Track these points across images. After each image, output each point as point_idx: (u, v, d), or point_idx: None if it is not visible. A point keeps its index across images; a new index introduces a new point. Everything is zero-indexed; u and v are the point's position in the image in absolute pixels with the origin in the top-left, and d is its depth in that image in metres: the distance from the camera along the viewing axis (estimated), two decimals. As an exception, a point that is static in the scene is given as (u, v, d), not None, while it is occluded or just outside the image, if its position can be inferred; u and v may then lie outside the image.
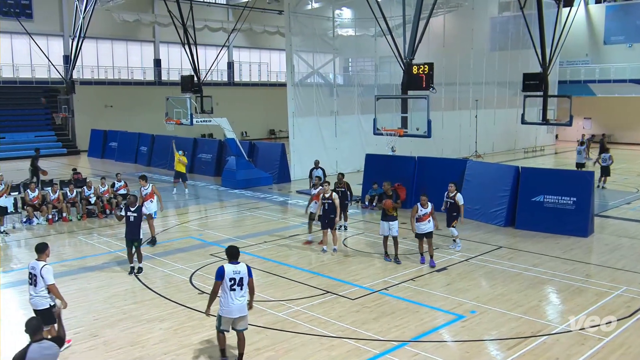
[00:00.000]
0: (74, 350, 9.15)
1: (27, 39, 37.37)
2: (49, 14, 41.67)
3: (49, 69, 40.02)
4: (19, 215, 18.58)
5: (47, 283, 8.64)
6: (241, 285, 8.40)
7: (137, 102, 43.22)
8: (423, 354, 8.91)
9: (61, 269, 13.55)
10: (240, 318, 8.50)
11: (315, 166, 19.89)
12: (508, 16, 38.67)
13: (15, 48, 40.82)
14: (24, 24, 36.04)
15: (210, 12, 47.81)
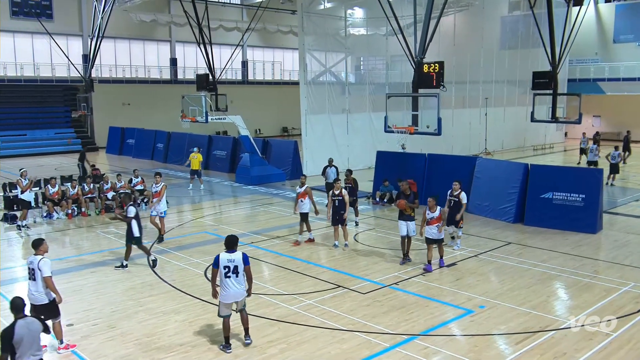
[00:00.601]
0: (92, 342, 9.24)
1: (47, 38, 37.69)
2: (68, 14, 41.93)
3: (68, 68, 40.29)
4: (39, 210, 18.77)
5: (43, 275, 8.54)
6: (236, 272, 8.70)
7: (154, 100, 43.43)
8: (432, 348, 8.89)
9: (80, 262, 13.70)
10: (239, 301, 8.91)
11: (329, 164, 19.71)
12: (518, 15, 38.36)
13: (36, 47, 41.10)
14: (44, 24, 36.44)
15: (225, 12, 47.87)
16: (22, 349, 6.43)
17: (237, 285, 8.75)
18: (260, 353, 8.76)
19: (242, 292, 8.87)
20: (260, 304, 10.75)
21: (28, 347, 6.50)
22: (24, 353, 6.45)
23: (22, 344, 6.45)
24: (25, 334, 6.47)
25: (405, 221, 13.18)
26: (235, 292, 8.77)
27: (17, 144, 38.27)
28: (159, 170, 17.81)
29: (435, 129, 17.89)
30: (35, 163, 32.14)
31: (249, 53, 52.40)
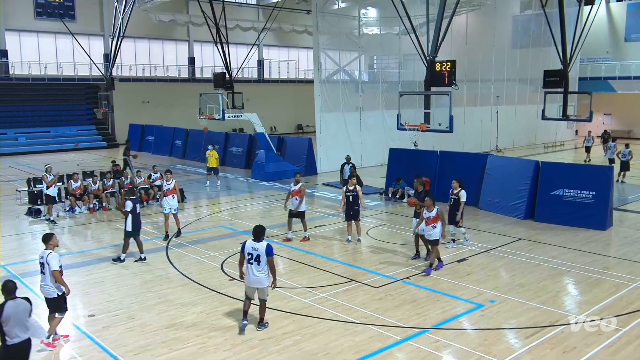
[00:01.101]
0: (113, 332, 9.33)
1: (70, 38, 38.02)
2: (90, 15, 42.26)
3: (90, 66, 40.63)
4: (62, 205, 18.97)
5: (51, 269, 8.58)
6: (258, 261, 9.01)
7: (173, 98, 43.64)
8: (443, 341, 8.87)
9: (101, 254, 13.83)
10: (259, 289, 9.18)
11: (346, 161, 19.56)
12: (530, 14, 38.00)
13: (59, 47, 41.49)
14: (67, 25, 36.76)
15: (242, 12, 47.96)
16: (9, 326, 6.75)
17: (256, 273, 9.04)
18: (275, 344, 8.80)
19: (261, 280, 9.08)
20: (275, 296, 10.78)
21: (15, 325, 6.80)
22: (11, 331, 6.77)
23: (10, 322, 6.75)
24: (13, 313, 6.77)
25: (417, 219, 13.08)
26: (254, 279, 9.07)
27: (41, 140, 38.69)
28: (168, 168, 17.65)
29: (447, 127, 17.80)
30: (58, 159, 32.49)
31: (264, 52, 52.47)
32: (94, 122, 42.47)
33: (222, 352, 8.55)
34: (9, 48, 39.39)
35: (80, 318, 9.99)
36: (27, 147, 37.30)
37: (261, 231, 9.23)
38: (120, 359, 8.40)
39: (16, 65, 39.84)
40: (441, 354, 8.48)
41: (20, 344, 6.86)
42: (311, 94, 27.73)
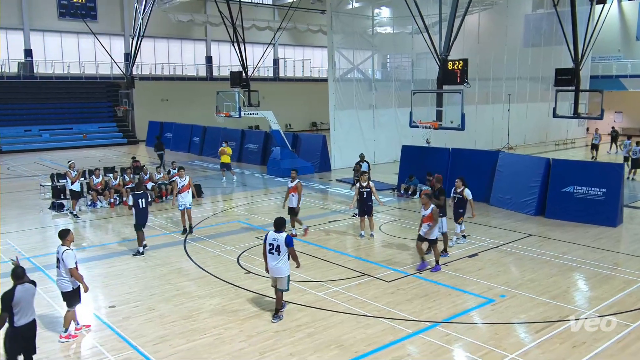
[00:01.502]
0: (132, 322, 9.42)
1: (92, 38, 38.39)
2: (111, 15, 42.58)
3: (111, 65, 40.99)
4: (84, 199, 19.16)
5: (67, 267, 8.63)
6: (278, 251, 9.21)
7: (191, 96, 43.85)
8: (454, 335, 8.83)
9: (121, 248, 13.96)
10: (278, 279, 9.38)
11: (361, 159, 19.38)
12: (541, 13, 37.56)
13: (82, 47, 41.88)
14: (89, 25, 37.07)
15: (258, 12, 48.01)
16: (19, 308, 7.08)
17: (275, 262, 9.26)
18: (289, 336, 8.83)
19: (281, 270, 9.28)
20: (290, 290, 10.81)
21: (25, 308, 7.17)
22: (20, 313, 7.09)
23: (21, 306, 7.09)
24: (23, 297, 7.12)
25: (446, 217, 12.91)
26: (272, 268, 9.33)
27: (64, 137, 39.09)
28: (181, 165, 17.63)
29: (459, 124, 17.70)
30: (80, 155, 32.82)
31: (280, 51, 52.50)
32: (114, 119, 42.80)
33: (237, 343, 8.60)
34: (33, 48, 39.84)
35: (101, 309, 10.10)
36: (50, 144, 37.73)
37: (282, 223, 9.43)
38: (140, 348, 8.48)
39: (40, 64, 40.28)
40: (452, 347, 8.45)
41: (27, 324, 7.20)
42: (325, 92, 27.70)
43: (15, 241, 14.57)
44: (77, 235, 15.63)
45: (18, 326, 7.10)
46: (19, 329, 7.11)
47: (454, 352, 8.35)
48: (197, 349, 8.43)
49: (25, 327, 7.19)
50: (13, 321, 7.07)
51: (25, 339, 7.23)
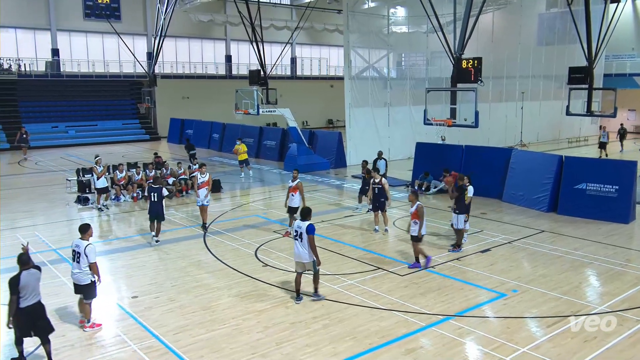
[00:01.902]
0: (154, 312, 9.52)
1: (116, 38, 38.70)
2: (134, 15, 42.89)
3: (134, 64, 41.30)
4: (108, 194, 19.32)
5: (90, 261, 8.75)
6: (301, 238, 9.68)
7: (210, 94, 43.99)
8: (466, 328, 8.79)
9: (143, 240, 14.09)
10: (305, 264, 9.78)
11: (378, 156, 19.21)
12: (555, 12, 37.01)
13: (106, 46, 42.26)
14: (113, 25, 37.37)
15: (276, 12, 48.00)
16: (25, 292, 7.55)
17: (299, 248, 9.74)
18: (304, 327, 8.86)
19: (303, 255, 9.67)
20: (305, 282, 10.83)
21: (29, 291, 7.59)
22: (27, 295, 7.57)
23: (26, 289, 7.56)
24: (29, 281, 7.60)
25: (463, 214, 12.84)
26: (297, 253, 9.80)
27: (89, 133, 39.49)
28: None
29: (472, 122, 17.55)
30: (105, 151, 33.13)
31: (297, 50, 52.48)
32: (137, 116, 43.11)
33: (255, 334, 8.65)
34: (60, 47, 40.28)
35: (124, 299, 10.22)
36: (76, 140, 38.16)
37: (307, 212, 9.97)
38: (161, 337, 8.57)
39: (67, 63, 40.73)
40: (464, 341, 8.41)
41: (31, 306, 7.62)
42: (341, 90, 27.65)
43: (42, 233, 14.79)
44: (101, 228, 15.84)
45: (23, 307, 7.54)
46: (23, 310, 7.54)
47: (466, 345, 8.31)
48: (216, 339, 8.50)
49: (30, 308, 7.60)
50: (19, 303, 7.52)
51: (30, 318, 7.63)
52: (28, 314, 7.60)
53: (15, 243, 13.47)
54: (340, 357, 7.91)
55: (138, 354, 8.05)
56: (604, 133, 29.47)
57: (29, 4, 38.60)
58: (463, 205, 12.78)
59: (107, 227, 16.04)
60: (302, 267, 9.87)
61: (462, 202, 12.77)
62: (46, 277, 11.28)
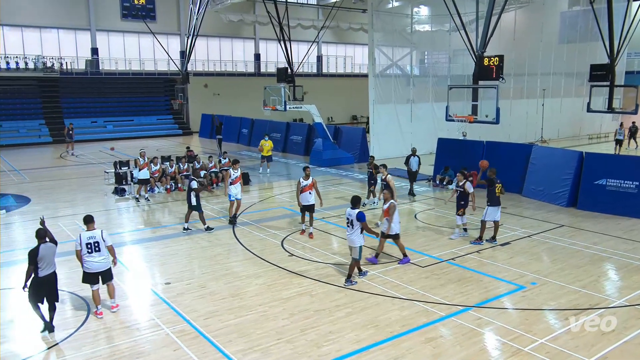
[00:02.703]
0: (186, 298, 9.66)
1: (151, 37, 39.14)
2: (168, 16, 43.34)
3: (168, 62, 41.77)
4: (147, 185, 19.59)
5: (107, 244, 9.00)
6: (352, 225, 10.03)
7: (240, 90, 44.28)
8: (485, 319, 8.70)
9: (176, 230, 14.28)
10: (352, 248, 10.19)
11: (412, 153, 18.55)
12: (578, 10, 36.07)
13: (142, 45, 42.83)
14: (149, 25, 37.79)
15: (303, 11, 47.93)
16: (43, 263, 8.24)
17: (349, 234, 10.12)
18: (328, 315, 8.88)
19: (353, 240, 10.06)
20: (329, 273, 10.88)
21: (47, 262, 8.30)
22: (44, 266, 8.26)
23: (43, 260, 8.24)
24: (46, 253, 8.29)
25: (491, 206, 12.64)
26: (349, 239, 10.18)
27: (125, 128, 40.15)
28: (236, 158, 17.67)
29: (493, 118, 17.31)
30: (140, 145, 33.60)
31: (323, 48, 52.37)
32: (171, 112, 43.66)
33: (281, 320, 8.71)
34: (99, 46, 40.98)
35: (158, 285, 10.39)
36: (113, 134, 38.84)
37: (357, 200, 10.17)
38: (192, 322, 8.69)
39: (105, 61, 41.42)
40: (483, 331, 8.33)
41: (48, 275, 8.34)
42: (365, 87, 27.51)
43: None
44: (137, 218, 16.10)
45: (42, 276, 8.26)
46: (42, 279, 8.26)
47: (485, 335, 8.23)
48: (244, 324, 8.58)
49: (47, 277, 8.32)
50: (37, 273, 8.22)
51: (47, 285, 8.35)
52: (45, 282, 8.31)
53: (58, 231, 13.79)
54: (362, 344, 7.92)
55: (171, 337, 8.19)
56: (620, 130, 28.53)
57: (71, 6, 39.34)
58: (493, 197, 12.57)
59: (142, 217, 16.30)
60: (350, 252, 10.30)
61: (493, 195, 12.57)
62: (86, 263, 11.56)
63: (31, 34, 38.58)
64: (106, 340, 8.15)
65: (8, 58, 37.26)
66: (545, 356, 7.50)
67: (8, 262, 11.57)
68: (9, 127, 35.64)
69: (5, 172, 24.21)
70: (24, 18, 37.74)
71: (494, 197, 12.57)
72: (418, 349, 7.74)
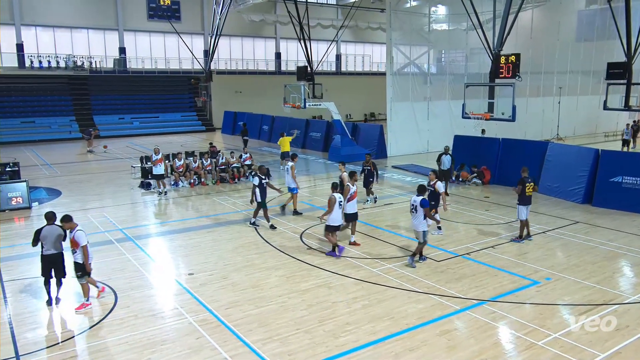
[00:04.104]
0: (208, 289, 9.75)
1: (176, 37, 39.48)
2: (193, 16, 43.62)
3: (192, 61, 42.10)
4: (168, 179, 19.84)
5: (81, 244, 8.81)
6: (416, 210, 10.58)
7: (261, 88, 44.41)
8: (500, 313, 8.62)
9: (199, 223, 14.42)
10: (416, 232, 10.79)
11: (444, 152, 17.86)
12: (595, 9, 35.34)
13: (167, 44, 43.20)
14: (174, 25, 38.11)
15: (322, 11, 47.84)
16: (45, 242, 8.89)
17: (413, 219, 10.73)
18: (345, 307, 8.89)
19: (417, 225, 10.65)
20: (347, 265, 10.88)
21: (49, 243, 8.87)
22: (47, 245, 8.88)
23: (45, 240, 8.88)
24: (48, 234, 8.88)
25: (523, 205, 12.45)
26: (412, 223, 10.84)
27: (150, 124, 40.57)
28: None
29: (509, 116, 17.06)
30: (165, 140, 34.01)
31: (342, 47, 52.23)
32: (194, 109, 43.99)
33: (299, 311, 8.74)
34: (126, 46, 41.47)
35: (181, 276, 10.50)
36: (140, 130, 39.29)
37: (423, 189, 10.87)
38: (214, 311, 8.77)
39: (132, 60, 41.90)
40: (497, 324, 8.26)
41: (51, 254, 8.91)
42: (383, 85, 27.37)
43: (110, 214, 15.34)
44: (162, 211, 16.28)
45: (45, 254, 8.92)
46: (45, 257, 8.93)
47: (499, 328, 8.15)
48: (264, 315, 8.64)
49: (50, 256, 8.91)
50: (42, 250, 8.91)
51: (50, 263, 8.93)
52: (48, 260, 8.93)
53: (87, 223, 14.04)
54: (378, 335, 7.91)
55: (193, 326, 8.28)
56: (627, 130, 27.62)
57: (100, 7, 39.86)
58: (523, 196, 12.38)
59: (166, 209, 16.48)
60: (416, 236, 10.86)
61: (523, 194, 12.37)
62: (112, 254, 11.78)
63: (62, 34, 39.20)
64: (133, 327, 8.27)
65: (41, 57, 37.93)
66: (559, 350, 7.41)
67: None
68: (41, 123, 36.34)
69: (38, 166, 24.69)
70: (56, 19, 38.36)
71: (524, 195, 12.37)
72: (433, 341, 7.71)
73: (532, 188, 12.43)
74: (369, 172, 16.32)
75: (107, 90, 40.44)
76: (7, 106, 36.17)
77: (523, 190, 12.36)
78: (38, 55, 37.90)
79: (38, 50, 38.07)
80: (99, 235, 13.07)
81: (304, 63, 26.95)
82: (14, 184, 16.28)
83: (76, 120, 37.51)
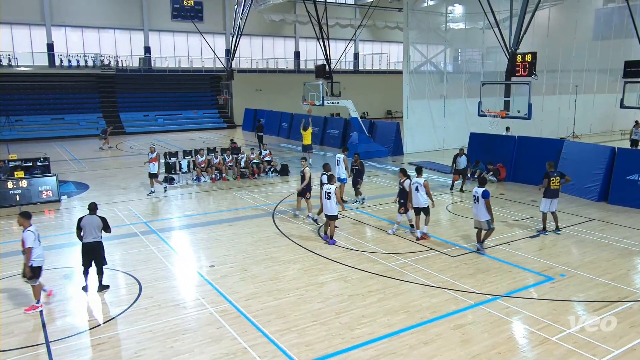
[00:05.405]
0: (228, 281, 9.83)
1: (198, 36, 39.70)
2: (215, 16, 43.80)
3: (214, 60, 42.27)
4: (190, 174, 20.04)
5: (26, 246, 8.40)
6: (477, 201, 11.03)
7: (281, 86, 44.45)
8: (513, 308, 8.53)
9: (220, 217, 14.53)
10: (481, 222, 11.12)
11: (459, 153, 17.65)
12: (612, 7, 34.57)
13: (190, 44, 43.49)
14: (196, 25, 38.35)
15: (341, 11, 47.64)
16: (84, 231, 9.27)
17: (476, 209, 11.09)
18: (361, 300, 8.89)
19: (479, 215, 11.02)
20: (363, 259, 10.86)
21: (88, 231, 9.26)
22: (86, 234, 9.25)
23: (85, 228, 9.26)
24: (87, 223, 9.27)
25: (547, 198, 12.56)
26: (475, 213, 11.20)
27: (174, 121, 40.93)
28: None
29: (525, 114, 16.81)
30: (187, 137, 34.31)
31: (360, 46, 51.97)
32: (216, 106, 44.23)
33: (316, 304, 8.76)
34: (151, 45, 41.86)
35: (203, 268, 10.61)
36: (164, 127, 39.68)
37: (484, 181, 11.28)
38: (234, 303, 8.84)
39: (156, 59, 42.27)
40: (511, 320, 8.17)
41: (90, 243, 9.26)
42: (400, 83, 27.19)
43: (135, 208, 15.55)
44: (185, 205, 16.42)
45: (85, 242, 9.27)
46: (85, 244, 9.29)
47: (513, 323, 8.07)
48: (282, 306, 8.68)
49: (89, 244, 9.26)
50: (82, 238, 9.27)
51: (90, 251, 9.27)
52: (88, 248, 9.27)
53: (113, 216, 14.26)
54: (393, 328, 7.90)
55: (214, 316, 8.36)
56: (637, 130, 26.55)
57: (126, 8, 40.28)
58: (548, 189, 12.50)
59: (188, 204, 16.63)
60: (479, 225, 11.14)
61: (548, 188, 12.49)
62: (137, 246, 11.94)
63: (91, 34, 39.72)
64: (156, 316, 8.39)
65: (70, 57, 38.51)
66: (573, 346, 7.31)
67: (69, 244, 12.03)
68: (70, 119, 36.94)
69: (67, 161, 25.13)
70: (85, 20, 38.89)
71: (549, 189, 12.46)
72: (447, 335, 7.67)
73: (557, 182, 12.49)
74: (357, 172, 15.87)
75: (132, 89, 40.88)
76: (38, 103, 36.85)
77: (548, 184, 12.44)
78: (67, 54, 38.47)
79: (67, 49, 38.65)
80: (124, 228, 13.26)
81: (323, 62, 26.88)
82: (44, 178, 16.61)
83: (103, 117, 38.02)
